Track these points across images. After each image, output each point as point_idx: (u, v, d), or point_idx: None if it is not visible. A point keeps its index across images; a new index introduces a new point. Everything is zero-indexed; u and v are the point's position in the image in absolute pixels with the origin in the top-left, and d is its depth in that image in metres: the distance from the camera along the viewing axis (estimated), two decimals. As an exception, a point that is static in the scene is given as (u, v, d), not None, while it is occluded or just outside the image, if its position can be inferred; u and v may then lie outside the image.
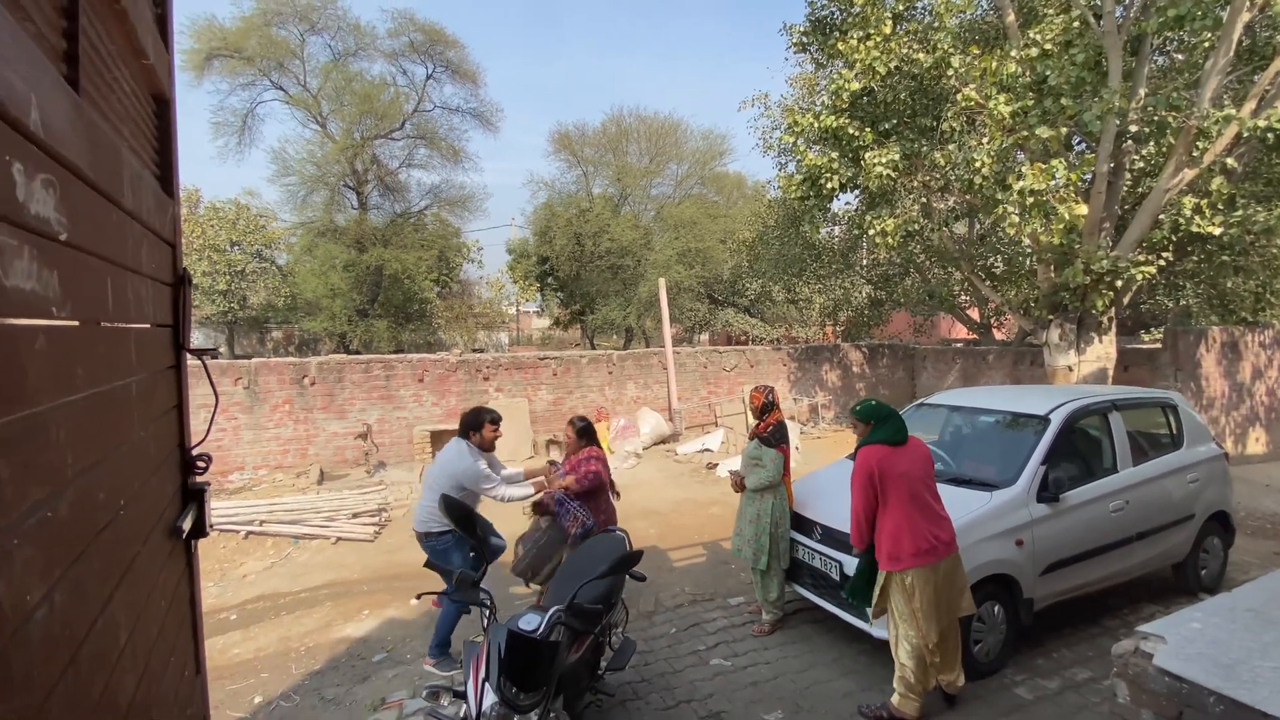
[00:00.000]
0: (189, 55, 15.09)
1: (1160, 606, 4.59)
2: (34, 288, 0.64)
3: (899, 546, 3.17)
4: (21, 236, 0.61)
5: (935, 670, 3.25)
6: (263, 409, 9.26)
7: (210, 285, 15.44)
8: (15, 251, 0.60)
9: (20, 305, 0.62)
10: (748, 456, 4.40)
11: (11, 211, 0.59)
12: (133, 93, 1.16)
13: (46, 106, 0.67)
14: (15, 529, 0.59)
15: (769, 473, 4.23)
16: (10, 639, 0.55)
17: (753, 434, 4.47)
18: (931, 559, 3.15)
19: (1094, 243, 7.51)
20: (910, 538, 3.15)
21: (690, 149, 20.22)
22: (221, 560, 6.41)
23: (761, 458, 4.28)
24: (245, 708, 3.87)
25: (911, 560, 3.14)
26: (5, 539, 0.56)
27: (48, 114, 0.67)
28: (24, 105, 0.62)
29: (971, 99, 7.29)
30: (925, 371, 13.83)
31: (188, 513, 1.38)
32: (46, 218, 0.67)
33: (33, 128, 0.63)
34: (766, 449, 4.28)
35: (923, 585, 3.13)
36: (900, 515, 3.19)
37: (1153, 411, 4.96)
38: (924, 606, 3.13)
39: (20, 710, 0.56)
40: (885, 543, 3.22)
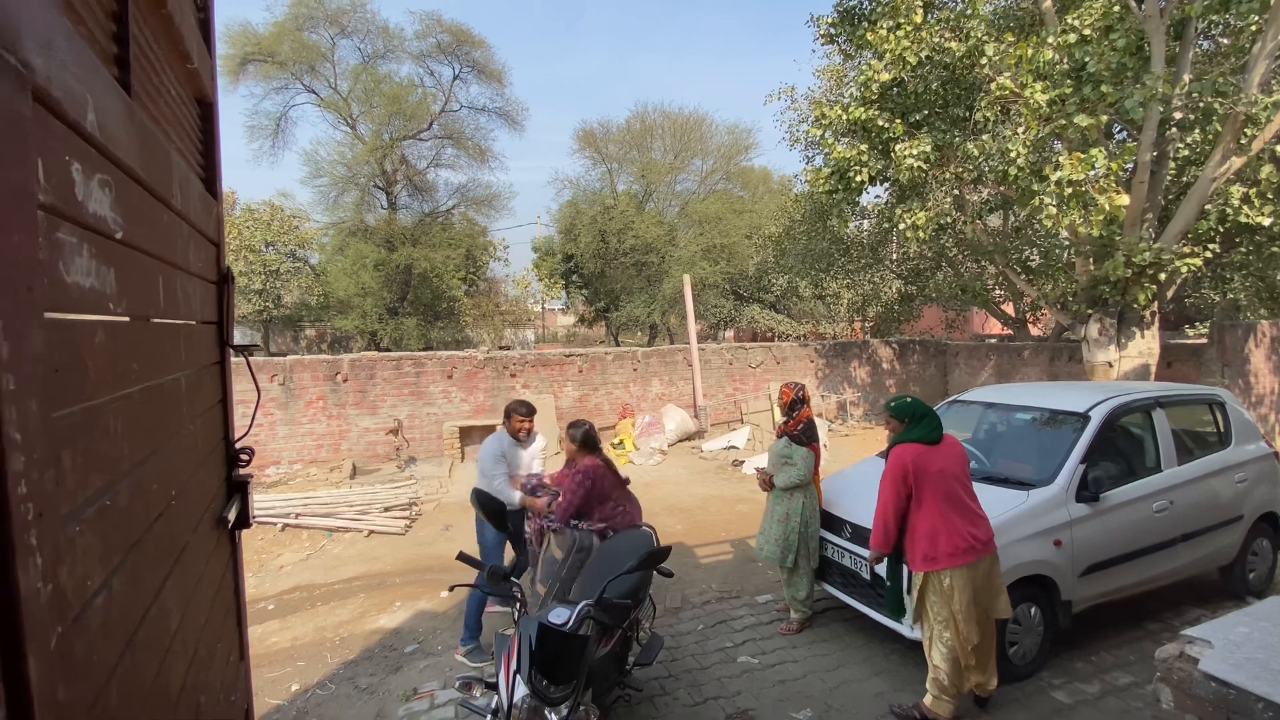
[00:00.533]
0: (225, 60, 15.50)
1: (1206, 610, 4.44)
2: (93, 284, 0.67)
3: (935, 547, 3.09)
4: (81, 234, 0.64)
5: (969, 672, 3.18)
6: (297, 405, 9.49)
7: (246, 285, 15.85)
8: (75, 249, 0.62)
9: (80, 301, 0.64)
10: (777, 454, 4.32)
11: (72, 210, 0.62)
12: (179, 96, 1.20)
13: (101, 108, 0.69)
14: (77, 516, 0.61)
15: (799, 471, 4.17)
16: (73, 624, 0.58)
17: (780, 431, 4.41)
18: (970, 558, 3.08)
19: (1136, 234, 7.26)
20: (947, 537, 3.08)
21: (715, 144, 20.13)
22: (259, 551, 6.59)
23: (792, 456, 4.22)
24: (283, 695, 3.97)
25: (949, 560, 3.06)
26: (68, 526, 0.59)
27: (103, 116, 0.69)
28: (81, 107, 0.64)
29: (1006, 88, 7.09)
30: (958, 368, 13.56)
31: (232, 504, 1.43)
32: (103, 216, 0.70)
33: (89, 129, 0.66)
34: (797, 447, 4.22)
35: (962, 586, 3.06)
36: (936, 514, 3.11)
37: (1199, 409, 4.79)
38: (963, 607, 3.06)
39: (82, 694, 0.59)
40: (920, 544, 3.14)
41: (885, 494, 3.24)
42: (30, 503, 0.49)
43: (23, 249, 0.50)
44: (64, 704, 0.54)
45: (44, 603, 0.51)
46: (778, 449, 4.33)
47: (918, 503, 3.15)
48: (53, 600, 0.53)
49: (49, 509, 0.53)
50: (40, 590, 0.50)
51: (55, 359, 0.57)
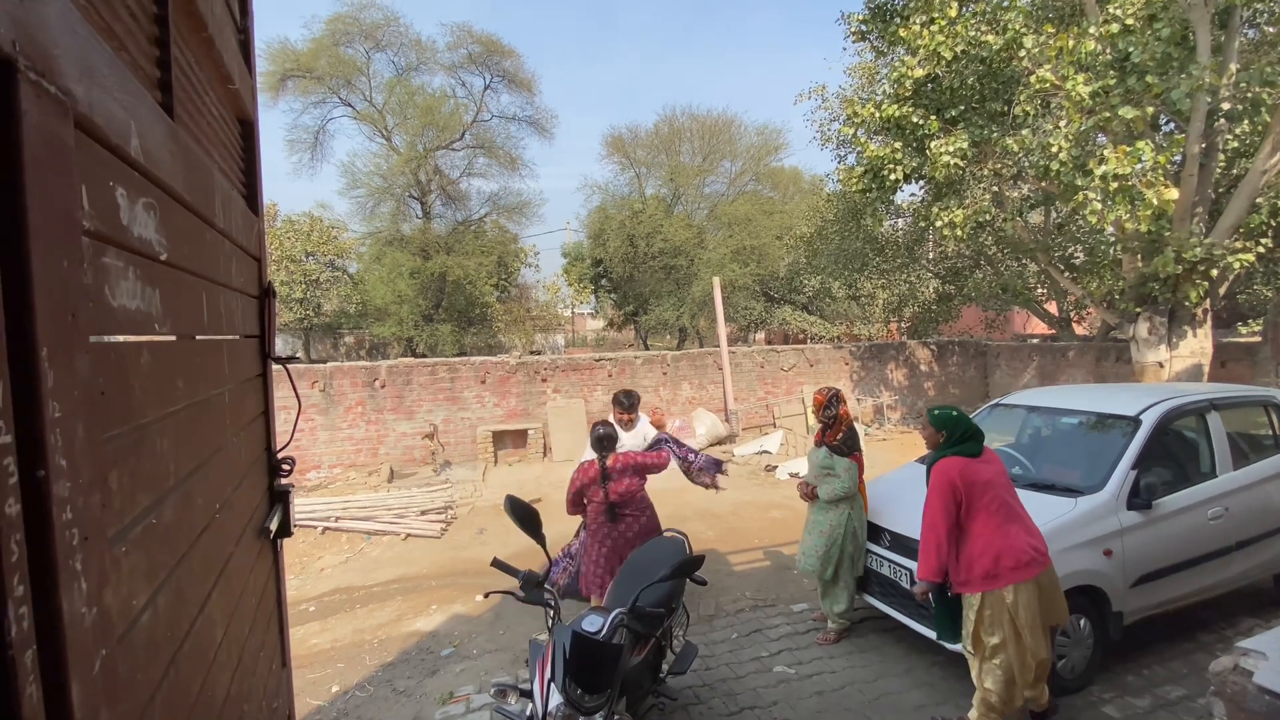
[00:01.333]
0: (265, 77, 16.04)
1: (1260, 620, 4.21)
2: (139, 306, 0.68)
3: (998, 564, 2.90)
4: (126, 258, 0.65)
5: (1027, 688, 3.03)
6: (337, 410, 9.73)
7: (287, 294, 16.34)
8: (121, 272, 0.64)
9: (126, 323, 0.66)
10: (817, 466, 4.17)
11: (117, 234, 0.63)
12: (220, 116, 1.23)
13: (145, 133, 0.71)
14: (124, 536, 0.62)
15: (844, 483, 4.02)
16: (117, 645, 0.59)
17: (818, 440, 4.25)
18: (1034, 571, 2.92)
19: (1185, 229, 6.96)
20: (1010, 552, 2.90)
21: (744, 145, 20.00)
22: (301, 554, 6.76)
23: (834, 467, 4.07)
24: (324, 696, 4.05)
25: (1012, 575, 2.89)
26: (115, 547, 0.60)
27: (146, 140, 0.71)
28: (125, 133, 0.65)
29: (1047, 80, 6.88)
30: (999, 369, 13.18)
31: (274, 514, 1.46)
32: (148, 239, 0.71)
33: (133, 154, 0.67)
34: (839, 458, 4.07)
35: (1027, 600, 2.90)
36: (992, 529, 2.93)
37: (1254, 411, 4.56)
38: (1029, 621, 2.90)
39: (126, 714, 0.60)
40: (978, 563, 2.95)
41: (934, 514, 3.01)
42: (75, 528, 0.50)
43: (68, 276, 0.52)
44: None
45: (88, 626, 0.52)
46: (818, 459, 4.17)
47: (969, 519, 2.97)
48: (97, 623, 0.54)
49: (95, 533, 0.54)
50: (84, 615, 0.51)
51: (101, 382, 0.58)
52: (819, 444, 4.23)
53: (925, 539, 3.05)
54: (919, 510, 4.09)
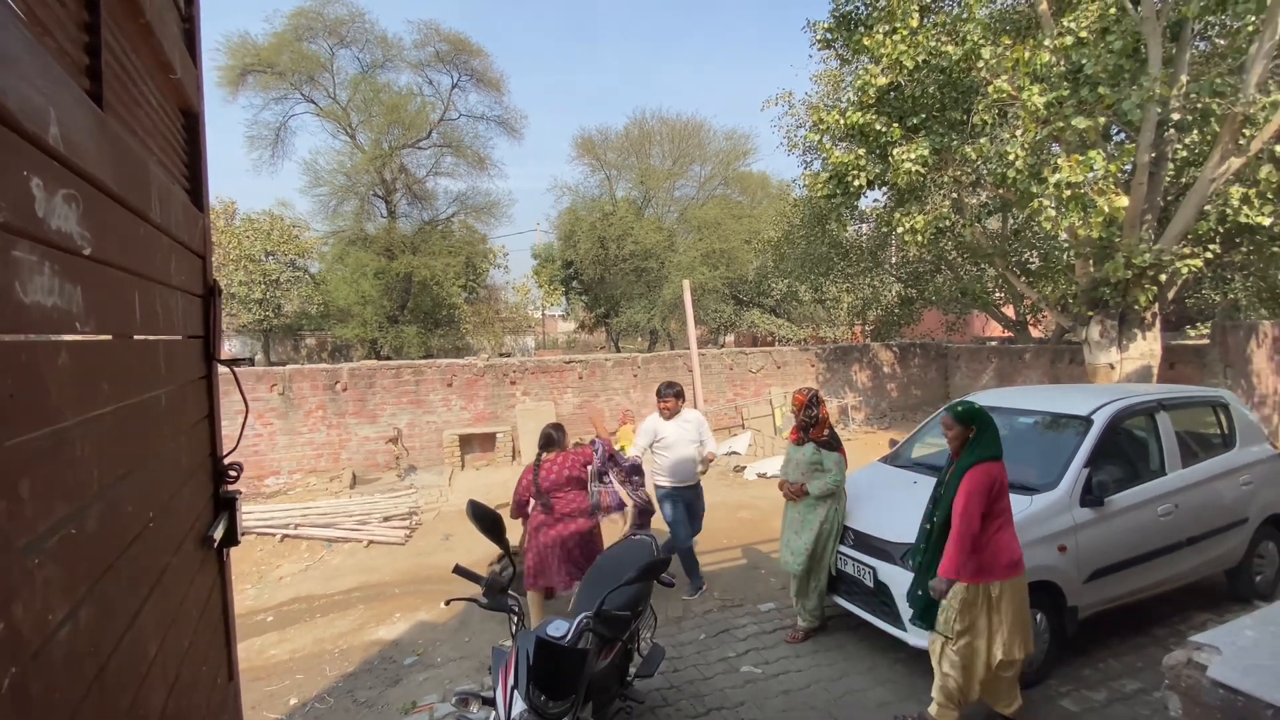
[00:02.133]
0: (224, 71, 15.56)
1: (1213, 614, 4.39)
2: (55, 303, 0.64)
3: (996, 559, 3.00)
4: (42, 251, 0.61)
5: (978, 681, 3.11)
6: (297, 414, 9.46)
7: (247, 294, 15.86)
8: (35, 267, 0.60)
9: (40, 321, 0.62)
10: (806, 462, 4.18)
11: (30, 226, 0.59)
12: (161, 107, 1.18)
13: (67, 121, 0.67)
14: (37, 548, 0.58)
15: (835, 476, 4.08)
16: (31, 662, 0.55)
17: (797, 438, 4.27)
18: (1020, 571, 3.05)
19: (1136, 235, 7.25)
20: (1006, 550, 3.01)
21: (713, 149, 20.17)
22: (258, 563, 6.55)
23: (823, 462, 4.12)
24: (281, 709, 3.93)
25: (1006, 572, 3.00)
26: (26, 558, 0.56)
27: (68, 129, 0.67)
28: (43, 120, 0.61)
29: (1004, 90, 7.10)
30: (959, 371, 13.52)
31: (219, 522, 1.40)
32: (69, 232, 0.67)
33: (52, 143, 0.63)
34: (828, 453, 4.13)
35: (1011, 596, 3.01)
36: (996, 528, 3.03)
37: (1202, 411, 4.75)
38: (1012, 617, 3.00)
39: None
40: (975, 557, 3.03)
41: (972, 515, 2.99)
42: (-25, 539, 0.47)
43: (-30, 270, 0.48)
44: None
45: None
46: (805, 456, 4.18)
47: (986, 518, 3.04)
48: (6, 640, 0.50)
49: (2, 543, 0.51)
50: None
51: (7, 384, 0.55)
52: (800, 442, 4.25)
53: (962, 537, 3.01)
54: (883, 509, 4.19)
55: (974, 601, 3.03)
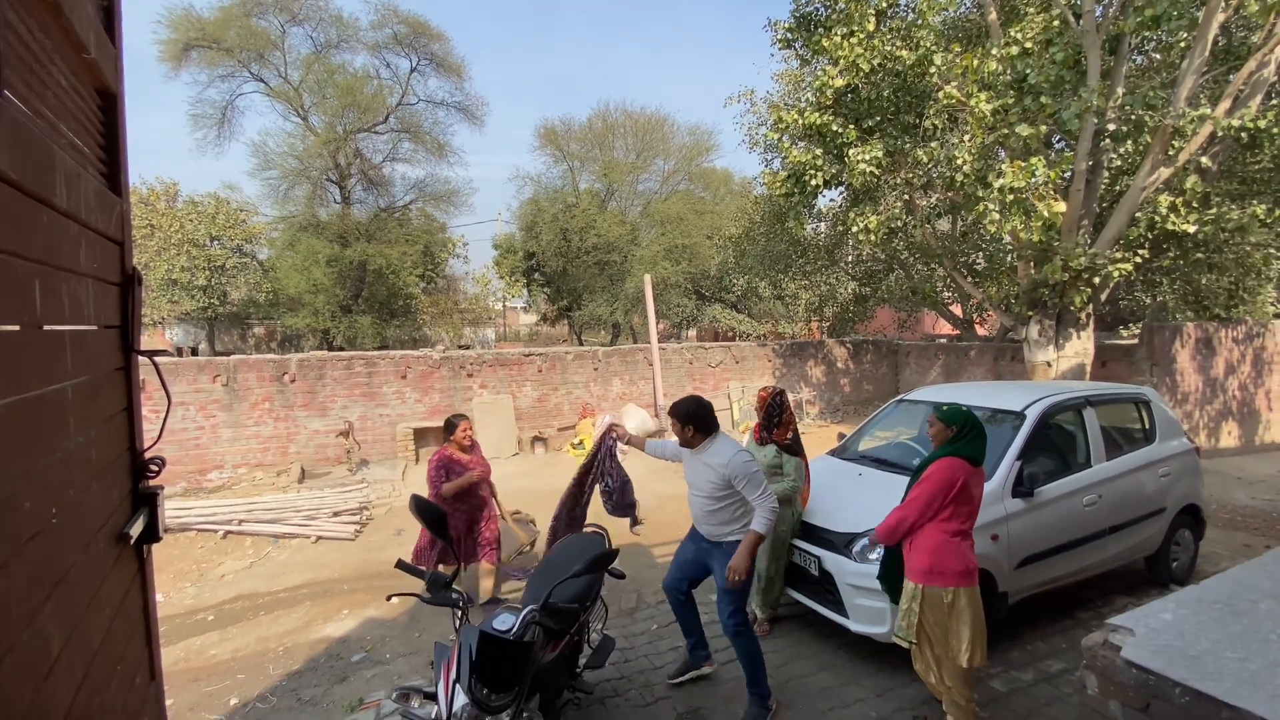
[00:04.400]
0: (166, 45, 14.83)
1: (1132, 599, 4.66)
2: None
3: (944, 563, 3.00)
4: (-83, 240, 0.59)
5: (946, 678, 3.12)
6: (242, 406, 9.15)
7: (189, 280, 15.21)
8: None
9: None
10: (766, 464, 4.12)
11: (-99, 214, 0.57)
12: (72, 88, 1.13)
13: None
14: (-92, 546, 0.56)
15: (794, 481, 4.08)
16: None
17: (760, 437, 4.26)
18: (973, 581, 3.04)
19: (1072, 240, 7.59)
20: (958, 557, 3.01)
21: (677, 145, 20.22)
22: (199, 560, 6.33)
23: (783, 465, 4.11)
24: (221, 709, 3.82)
25: (958, 580, 3.00)
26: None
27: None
28: (-80, 103, 0.59)
29: (953, 96, 7.33)
30: (909, 367, 13.95)
31: (137, 518, 1.35)
32: (-48, 220, 0.65)
33: (-67, 126, 0.61)
34: (789, 456, 4.12)
35: (966, 604, 3.00)
36: (952, 533, 3.03)
37: (1126, 406, 5.03)
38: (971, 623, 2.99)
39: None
40: (927, 557, 3.03)
41: (920, 501, 3.04)
42: None
43: None
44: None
45: None
46: (766, 458, 4.15)
47: (937, 516, 3.04)
48: None
49: None
50: None
51: None
52: (762, 442, 4.24)
53: (901, 515, 3.09)
54: (829, 501, 4.30)
55: (932, 606, 3.03)
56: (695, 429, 3.29)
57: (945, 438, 3.16)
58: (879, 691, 3.60)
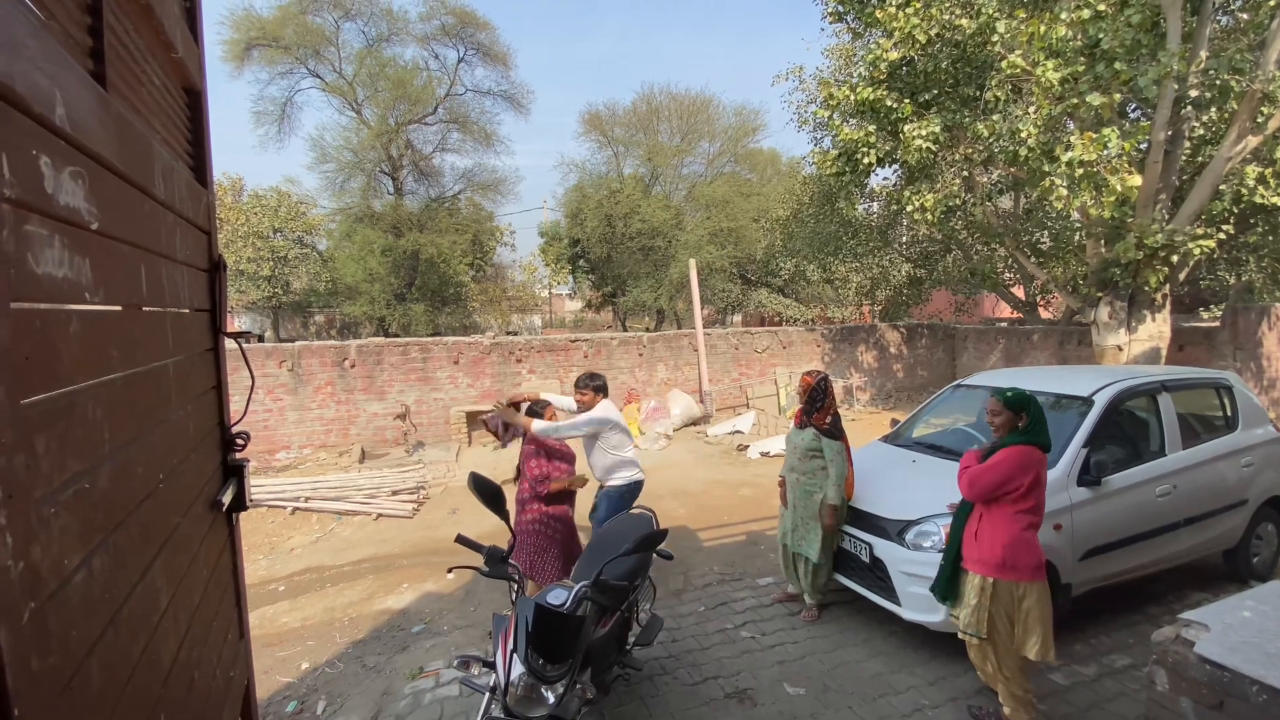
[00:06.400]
0: (229, 45, 15.49)
1: (1208, 594, 4.43)
2: (66, 274, 0.68)
3: (1018, 557, 2.91)
4: (52, 226, 0.66)
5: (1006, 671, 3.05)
6: (306, 390, 9.60)
7: (255, 271, 15.97)
8: (45, 241, 0.64)
9: (54, 291, 0.66)
10: (804, 448, 4.12)
11: (40, 202, 0.63)
12: (163, 86, 1.21)
13: (72, 102, 0.71)
14: (53, 499, 0.64)
15: (839, 470, 4.03)
16: (48, 600, 0.60)
17: (800, 421, 4.23)
18: (1043, 575, 2.97)
19: (1148, 215, 7.15)
20: (1032, 551, 2.93)
21: (723, 126, 19.94)
22: (270, 535, 6.71)
23: (822, 450, 4.07)
24: (294, 673, 4.07)
25: (1031, 574, 2.92)
26: (43, 508, 0.61)
27: (74, 109, 0.71)
28: (49, 102, 0.65)
29: (1018, 66, 6.97)
30: (966, 352, 13.48)
31: (228, 487, 1.46)
32: (77, 208, 0.71)
33: (59, 123, 0.67)
34: (829, 440, 4.06)
35: (1037, 598, 2.93)
36: (1026, 526, 2.94)
37: (1206, 393, 4.74)
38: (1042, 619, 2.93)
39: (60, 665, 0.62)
40: (1000, 550, 2.93)
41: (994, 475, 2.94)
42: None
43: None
44: (39, 673, 0.57)
45: (14, 579, 0.54)
46: (804, 442, 4.13)
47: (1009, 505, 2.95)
48: (24, 577, 0.56)
49: (19, 491, 0.56)
50: (10, 567, 0.53)
51: (24, 347, 0.59)
52: (802, 425, 4.21)
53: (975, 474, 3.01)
54: (881, 487, 4.24)
55: (1001, 599, 2.95)
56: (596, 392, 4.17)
57: (1013, 425, 3.04)
58: (931, 680, 3.54)
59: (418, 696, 3.60)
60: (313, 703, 3.70)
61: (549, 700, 2.34)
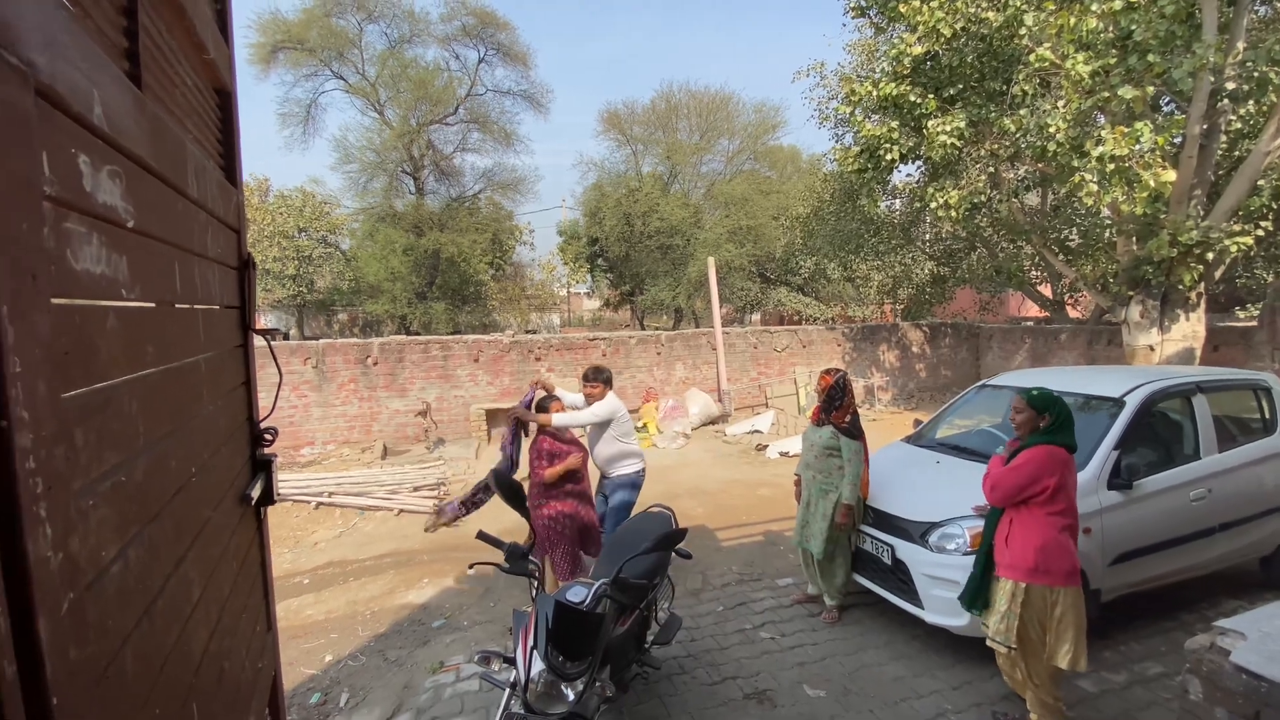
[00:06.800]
0: (256, 49, 15.77)
1: (1243, 602, 4.30)
2: (104, 271, 0.70)
3: (1052, 561, 2.84)
4: (90, 223, 0.67)
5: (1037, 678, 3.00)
6: (330, 387, 9.75)
7: (280, 270, 16.24)
8: (84, 238, 0.65)
9: (91, 287, 0.67)
10: (821, 446, 4.10)
11: (79, 200, 0.65)
12: (195, 86, 1.23)
13: (109, 102, 0.72)
14: (91, 490, 0.65)
15: (855, 469, 3.99)
16: (86, 590, 0.62)
17: (817, 419, 4.21)
18: (1078, 580, 2.90)
19: (1182, 212, 6.96)
20: (1066, 555, 2.86)
21: (742, 123, 19.82)
22: (295, 529, 6.83)
23: (839, 448, 4.04)
24: (317, 665, 4.14)
25: (1065, 579, 2.85)
26: (81, 499, 0.62)
27: (110, 109, 0.72)
28: (88, 102, 0.66)
29: (1046, 59, 6.82)
30: (991, 351, 13.25)
31: (256, 481, 1.49)
32: (114, 206, 0.73)
33: (97, 122, 0.68)
34: (846, 440, 4.03)
35: (1070, 605, 2.86)
36: (1060, 529, 2.87)
37: (1243, 394, 4.60)
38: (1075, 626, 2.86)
39: (96, 655, 0.63)
40: (1034, 554, 2.85)
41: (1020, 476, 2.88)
42: (39, 477, 0.53)
43: (28, 239, 0.53)
44: (76, 663, 0.58)
45: (54, 570, 0.55)
46: (822, 440, 4.11)
47: (1038, 506, 2.88)
48: (63, 568, 0.57)
49: (59, 483, 0.57)
50: (50, 558, 0.54)
51: (65, 342, 0.61)
52: (820, 423, 4.19)
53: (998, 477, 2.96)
54: (903, 488, 4.19)
55: (1034, 604, 2.87)
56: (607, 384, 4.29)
57: (1035, 425, 2.97)
58: (955, 684, 3.49)
59: (438, 690, 3.64)
60: (336, 695, 3.76)
61: (569, 697, 2.35)
